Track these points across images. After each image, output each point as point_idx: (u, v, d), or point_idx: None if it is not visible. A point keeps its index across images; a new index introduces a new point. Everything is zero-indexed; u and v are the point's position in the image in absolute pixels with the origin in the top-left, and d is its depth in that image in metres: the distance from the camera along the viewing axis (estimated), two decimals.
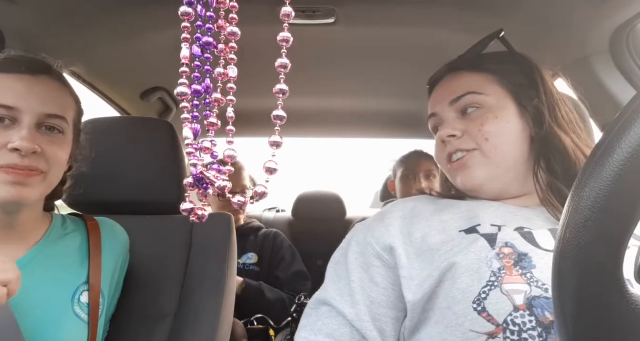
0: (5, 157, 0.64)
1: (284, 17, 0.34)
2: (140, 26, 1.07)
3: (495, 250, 0.58)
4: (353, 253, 0.68)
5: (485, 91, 0.69)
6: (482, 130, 0.67)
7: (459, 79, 0.72)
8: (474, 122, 0.68)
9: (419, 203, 0.73)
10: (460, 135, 0.69)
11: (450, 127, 0.70)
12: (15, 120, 0.66)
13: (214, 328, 0.90)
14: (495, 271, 0.55)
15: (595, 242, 0.29)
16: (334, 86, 1.51)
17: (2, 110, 0.64)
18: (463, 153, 0.69)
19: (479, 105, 0.69)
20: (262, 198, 0.36)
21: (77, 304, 0.73)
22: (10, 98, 0.65)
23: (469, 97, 0.69)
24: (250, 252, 1.63)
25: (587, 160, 0.31)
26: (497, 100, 0.68)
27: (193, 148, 0.38)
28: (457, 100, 0.70)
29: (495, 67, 0.71)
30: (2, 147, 0.64)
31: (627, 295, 0.29)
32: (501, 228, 0.61)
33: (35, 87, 0.68)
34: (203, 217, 0.39)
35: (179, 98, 0.36)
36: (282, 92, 0.35)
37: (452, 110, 0.71)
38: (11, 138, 0.64)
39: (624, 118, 0.30)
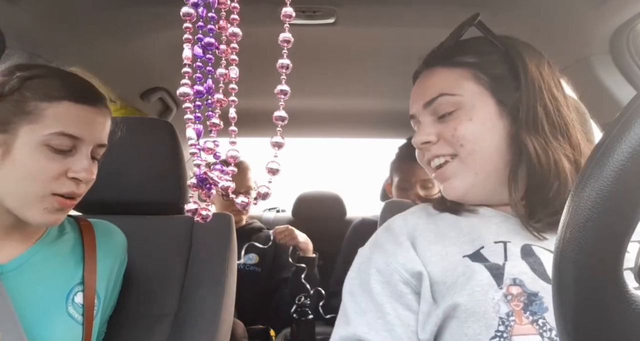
0: (65, 185, 0.67)
1: (284, 18, 0.35)
2: (140, 26, 1.07)
3: (502, 289, 0.53)
4: (377, 283, 0.61)
5: (459, 90, 0.62)
6: (455, 134, 0.62)
7: (432, 76, 0.66)
8: (447, 126, 0.63)
9: (420, 223, 0.67)
10: (435, 141, 0.64)
11: (423, 132, 0.66)
12: (74, 149, 0.68)
13: (214, 328, 0.90)
14: (504, 317, 0.51)
15: (595, 242, 0.29)
16: (334, 86, 1.51)
17: (67, 140, 0.66)
18: (440, 159, 0.65)
19: (454, 107, 0.62)
20: (265, 199, 0.36)
21: (70, 304, 0.73)
22: (77, 129, 0.67)
23: (442, 99, 0.63)
24: (251, 253, 1.62)
25: (587, 160, 0.31)
26: (472, 99, 0.62)
27: (196, 148, 0.38)
28: (430, 103, 0.65)
29: (471, 60, 0.64)
30: (62, 174, 0.66)
31: (627, 295, 0.29)
32: (507, 245, 0.57)
33: (97, 119, 0.71)
34: (207, 216, 0.39)
35: (181, 98, 0.36)
36: (283, 92, 0.35)
37: (427, 113, 0.66)
38: (71, 167, 0.67)
39: (624, 118, 0.30)
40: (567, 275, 0.30)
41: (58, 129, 0.65)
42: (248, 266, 1.60)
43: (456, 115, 0.62)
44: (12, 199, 0.66)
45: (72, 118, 0.67)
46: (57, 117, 0.66)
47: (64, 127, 0.66)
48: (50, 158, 0.65)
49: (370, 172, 2.71)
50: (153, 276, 0.93)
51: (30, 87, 0.66)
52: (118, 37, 1.09)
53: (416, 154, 0.72)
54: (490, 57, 0.64)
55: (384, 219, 0.93)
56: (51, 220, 0.68)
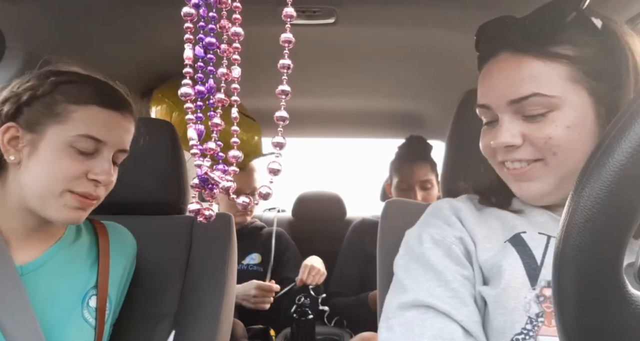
0: (83, 185, 0.68)
1: (286, 18, 0.35)
2: (141, 26, 1.07)
3: (535, 290, 0.52)
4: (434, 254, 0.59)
5: (556, 91, 0.53)
6: (549, 142, 0.54)
7: (521, 66, 0.56)
8: (539, 130, 0.55)
9: (465, 208, 0.65)
10: (521, 144, 0.57)
11: (508, 133, 0.57)
12: (97, 152, 0.69)
13: (213, 328, 0.90)
14: (533, 317, 0.51)
15: (595, 242, 0.29)
16: (334, 86, 1.51)
17: (92, 143, 0.68)
18: (522, 163, 0.58)
19: (547, 109, 0.54)
20: (266, 199, 0.36)
21: (85, 308, 0.73)
22: (102, 133, 0.69)
23: (535, 99, 0.54)
24: (253, 253, 1.62)
25: (587, 160, 0.31)
26: (572, 104, 0.54)
27: (197, 149, 0.38)
28: (518, 101, 0.55)
29: (569, 52, 0.54)
30: (82, 174, 0.68)
31: (627, 295, 0.29)
32: (550, 239, 0.55)
33: (121, 124, 0.73)
34: (210, 216, 0.39)
35: (183, 99, 0.36)
36: (284, 92, 0.35)
37: (510, 110, 0.57)
38: (92, 168, 0.68)
39: (624, 118, 0.30)
40: (567, 275, 0.30)
41: (84, 131, 0.67)
42: (251, 266, 1.60)
43: (550, 118, 0.54)
44: (34, 197, 0.67)
45: (98, 121, 0.69)
46: (84, 120, 0.68)
47: (90, 129, 0.68)
48: (74, 158, 0.67)
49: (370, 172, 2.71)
50: (153, 276, 0.93)
51: (61, 91, 0.69)
52: (118, 37, 1.09)
53: (481, 146, 0.64)
54: (589, 50, 0.54)
55: (384, 219, 0.92)
56: (72, 217, 0.68)
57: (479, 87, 0.63)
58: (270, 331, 1.43)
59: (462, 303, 0.55)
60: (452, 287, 0.56)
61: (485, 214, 0.64)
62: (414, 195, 1.57)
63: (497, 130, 0.58)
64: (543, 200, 0.59)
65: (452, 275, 0.57)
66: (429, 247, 0.61)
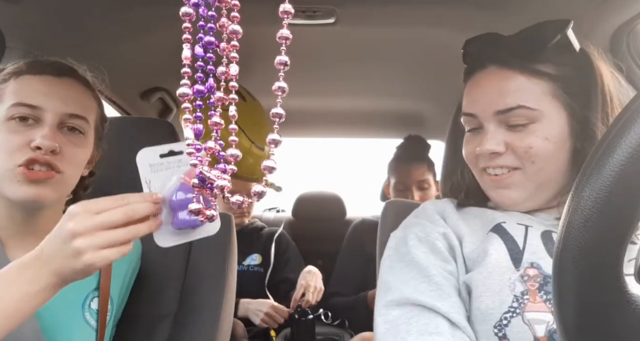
0: (27, 153, 0.65)
1: (283, 14, 0.34)
2: (140, 26, 1.07)
3: (519, 271, 0.55)
4: (419, 251, 0.62)
5: (539, 106, 0.59)
6: (529, 151, 0.59)
7: (508, 80, 0.61)
8: (520, 141, 0.60)
9: (448, 208, 0.70)
10: (504, 151, 0.61)
11: (493, 141, 0.61)
12: (38, 120, 0.67)
13: (214, 328, 0.90)
14: (518, 295, 0.53)
15: (595, 242, 0.29)
16: (334, 86, 1.51)
17: (26, 109, 0.66)
18: (503, 169, 0.62)
19: (529, 120, 0.59)
20: (260, 198, 0.36)
21: (87, 310, 0.73)
22: (34, 98, 0.67)
23: (519, 111, 0.59)
24: (254, 253, 1.62)
25: (587, 160, 0.31)
26: (550, 118, 0.59)
27: (194, 148, 0.38)
28: (504, 112, 0.60)
29: (550, 71, 0.60)
30: (24, 145, 0.65)
31: (627, 295, 0.29)
32: (528, 229, 0.59)
33: (59, 88, 0.69)
34: (212, 216, 0.39)
35: (181, 99, 0.36)
36: (281, 89, 0.35)
37: (496, 120, 0.62)
38: (33, 137, 0.65)
39: (624, 118, 0.30)
40: (567, 275, 0.30)
41: (15, 101, 0.66)
42: (251, 267, 1.60)
43: (531, 129, 0.59)
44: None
45: (29, 89, 0.67)
46: (15, 91, 0.67)
47: (21, 98, 0.66)
48: (13, 131, 0.65)
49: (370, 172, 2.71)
50: (153, 276, 0.92)
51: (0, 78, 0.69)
52: (118, 37, 1.09)
53: (464, 152, 0.68)
54: (567, 69, 0.61)
55: (384, 219, 0.92)
56: (27, 193, 0.65)
57: (465, 97, 0.67)
58: (270, 332, 1.43)
59: (446, 295, 0.57)
60: (435, 281, 0.58)
61: (465, 213, 0.68)
62: (411, 195, 1.57)
63: (483, 138, 0.63)
64: (518, 206, 0.64)
65: (435, 270, 0.60)
66: (413, 245, 0.63)
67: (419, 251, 0.62)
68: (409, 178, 1.58)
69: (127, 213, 0.52)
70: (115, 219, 0.52)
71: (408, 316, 0.55)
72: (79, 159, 0.72)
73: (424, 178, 1.58)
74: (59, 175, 0.68)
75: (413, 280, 0.59)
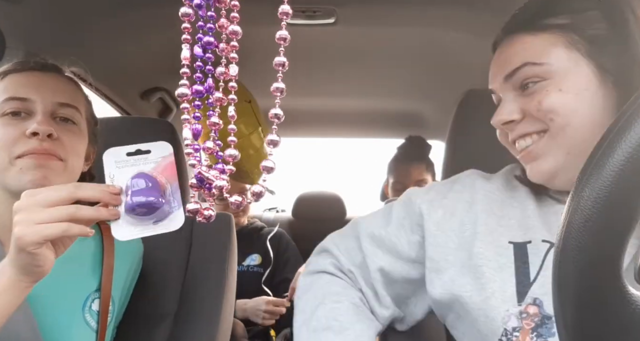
0: (25, 144, 0.66)
1: (282, 15, 0.34)
2: (140, 26, 1.07)
3: (521, 306, 0.53)
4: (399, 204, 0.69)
5: (546, 58, 0.54)
6: (540, 108, 0.54)
7: (513, 45, 0.58)
8: (532, 100, 0.55)
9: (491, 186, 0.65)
10: (520, 118, 0.57)
11: (505, 110, 0.58)
12: (30, 112, 0.69)
13: (213, 328, 0.90)
14: (509, 330, 0.52)
15: (595, 241, 0.29)
16: (334, 86, 1.51)
17: (16, 103, 0.68)
18: (527, 140, 0.57)
19: (540, 78, 0.54)
20: (259, 198, 0.36)
21: (87, 311, 0.73)
22: (23, 92, 0.69)
23: (526, 69, 0.55)
24: (254, 253, 1.62)
25: (587, 160, 0.31)
26: (563, 67, 0.54)
27: (192, 148, 0.38)
28: (511, 75, 0.57)
29: (563, 21, 0.55)
30: (20, 136, 0.66)
31: (627, 295, 0.29)
32: (551, 249, 0.55)
33: (46, 80, 0.72)
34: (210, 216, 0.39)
35: (180, 99, 0.36)
36: (280, 90, 0.35)
37: (508, 87, 0.58)
38: (28, 127, 0.66)
39: (624, 118, 0.30)
40: (567, 275, 0.30)
41: (4, 97, 0.68)
42: (251, 267, 1.60)
43: (542, 85, 0.54)
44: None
45: (17, 84, 0.70)
46: (3, 89, 0.69)
47: (10, 93, 0.68)
48: (7, 124, 0.67)
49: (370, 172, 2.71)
50: (153, 276, 0.92)
51: None
52: (118, 37, 1.09)
53: (498, 135, 0.64)
54: (587, 15, 0.54)
55: None
56: (34, 177, 0.65)
57: None
58: (270, 331, 1.43)
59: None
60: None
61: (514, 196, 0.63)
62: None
63: (497, 112, 0.59)
64: (556, 180, 0.57)
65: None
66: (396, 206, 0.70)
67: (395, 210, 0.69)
68: (407, 178, 1.59)
69: (69, 191, 0.51)
70: (56, 196, 0.51)
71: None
72: (77, 148, 0.73)
73: (421, 178, 1.58)
74: (62, 163, 0.69)
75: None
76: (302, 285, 0.71)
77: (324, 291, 0.67)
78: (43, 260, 0.51)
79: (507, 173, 0.68)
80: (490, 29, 0.75)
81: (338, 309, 0.62)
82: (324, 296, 0.65)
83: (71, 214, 0.50)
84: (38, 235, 0.49)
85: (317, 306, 0.64)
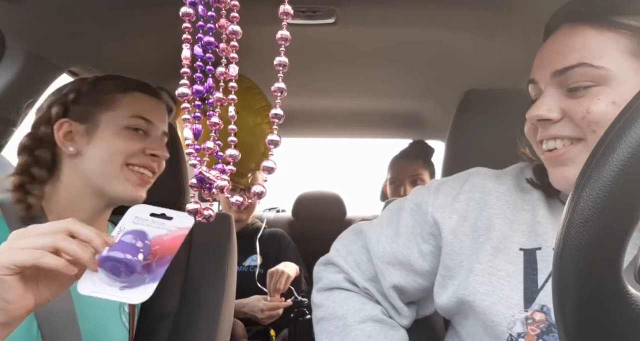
0: (139, 158, 0.76)
1: (282, 15, 0.34)
2: (140, 26, 1.07)
3: (527, 312, 0.52)
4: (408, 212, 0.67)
5: (605, 62, 0.48)
6: (587, 117, 0.48)
7: (573, 37, 0.51)
8: (579, 104, 0.49)
9: (509, 189, 0.61)
10: (558, 118, 0.51)
11: (545, 106, 0.52)
12: (148, 133, 0.78)
13: (213, 328, 0.90)
14: (514, 335, 0.51)
15: (595, 241, 0.29)
16: (333, 86, 1.51)
17: (142, 122, 0.77)
18: (557, 142, 0.52)
19: (592, 82, 0.49)
20: (260, 198, 0.36)
21: (122, 312, 0.76)
22: (149, 114, 0.78)
23: (580, 70, 0.49)
24: (254, 254, 1.62)
25: (587, 160, 0.31)
26: (624, 80, 0.48)
27: (193, 148, 0.38)
28: (562, 72, 0.51)
29: (634, 23, 0.48)
30: (140, 151, 0.76)
31: (627, 295, 0.29)
32: None
33: (160, 108, 0.83)
34: (209, 216, 0.39)
35: (180, 99, 0.36)
36: (280, 90, 0.35)
37: (554, 83, 0.52)
38: (147, 145, 0.76)
39: (624, 118, 0.30)
40: (567, 275, 0.30)
41: (135, 113, 0.76)
42: (252, 268, 1.60)
43: (594, 92, 0.49)
44: (99, 176, 0.73)
45: (144, 105, 0.79)
46: (132, 104, 0.77)
47: (139, 111, 0.77)
48: (131, 138, 0.75)
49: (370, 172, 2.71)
50: None
51: (104, 85, 0.79)
52: (118, 37, 1.09)
53: (525, 128, 0.59)
54: None
55: None
56: (134, 193, 0.75)
57: None
58: (270, 331, 1.43)
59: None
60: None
61: (525, 199, 0.59)
62: (404, 190, 1.58)
63: (535, 105, 0.54)
64: None
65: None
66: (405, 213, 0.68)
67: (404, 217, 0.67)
68: (402, 173, 1.60)
69: (63, 223, 0.48)
70: (49, 226, 0.48)
71: None
72: (163, 168, 0.82)
73: (417, 173, 1.58)
74: (152, 179, 0.79)
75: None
76: (319, 303, 0.69)
77: (344, 309, 0.65)
78: (8, 290, 0.45)
79: (517, 173, 0.64)
80: (490, 29, 0.75)
81: (363, 329, 0.62)
82: (346, 316, 0.64)
83: (53, 243, 0.46)
84: (8, 258, 0.44)
85: (344, 329, 0.63)
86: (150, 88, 0.83)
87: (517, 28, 0.80)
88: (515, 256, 0.56)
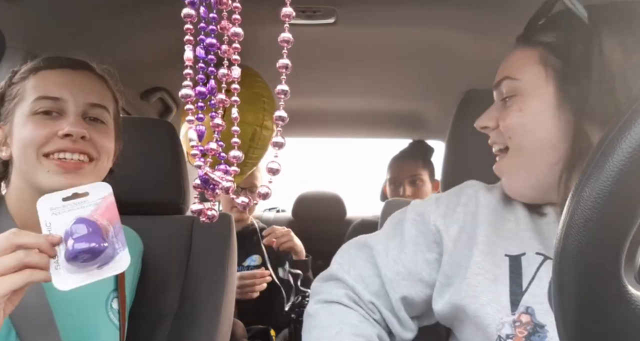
0: (56, 143, 0.66)
1: (284, 18, 0.34)
2: (141, 26, 1.07)
3: (514, 315, 0.53)
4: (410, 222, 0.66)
5: (521, 74, 0.55)
6: (503, 125, 0.56)
7: (510, 56, 0.60)
8: (502, 114, 0.58)
9: (489, 198, 0.64)
10: (494, 127, 0.59)
11: (486, 115, 0.61)
12: (62, 111, 0.69)
13: (213, 328, 0.90)
14: (503, 337, 0.53)
15: (595, 242, 0.29)
16: (333, 86, 1.51)
17: (49, 102, 0.68)
18: (495, 147, 0.61)
19: (513, 92, 0.56)
20: (265, 199, 0.36)
21: (110, 310, 0.74)
22: (56, 91, 0.68)
23: (504, 83, 0.57)
24: (254, 254, 1.62)
25: (587, 160, 0.31)
26: (531, 86, 0.55)
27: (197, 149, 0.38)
28: (496, 86, 0.60)
29: (549, 39, 0.55)
30: (52, 135, 0.66)
31: (627, 295, 0.29)
32: (545, 261, 0.56)
33: (77, 79, 0.71)
34: (213, 216, 0.40)
35: (183, 100, 0.36)
36: (283, 92, 0.35)
37: (497, 97, 0.61)
38: (60, 127, 0.67)
39: (624, 118, 0.30)
40: (567, 275, 0.30)
41: (37, 95, 0.68)
42: (252, 268, 1.60)
43: (512, 102, 0.56)
44: (26, 174, 0.68)
45: (49, 82, 0.69)
46: (35, 86, 0.69)
47: (42, 91, 0.68)
48: (38, 123, 0.67)
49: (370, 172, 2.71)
50: (153, 277, 0.93)
51: (17, 77, 0.71)
52: (118, 37, 1.09)
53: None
54: (572, 35, 0.53)
55: (384, 219, 0.93)
56: (61, 182, 0.66)
57: None
58: (270, 331, 1.43)
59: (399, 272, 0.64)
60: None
61: (509, 209, 0.62)
62: (403, 190, 1.59)
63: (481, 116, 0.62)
64: (527, 198, 0.59)
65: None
66: (407, 225, 0.67)
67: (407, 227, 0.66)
68: (401, 173, 1.60)
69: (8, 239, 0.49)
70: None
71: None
72: (107, 146, 0.73)
73: (415, 173, 1.58)
74: (92, 163, 0.70)
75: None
76: (313, 313, 0.66)
77: (339, 318, 0.63)
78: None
79: (499, 188, 0.69)
80: (490, 29, 0.76)
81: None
82: (341, 326, 0.61)
83: (20, 262, 0.48)
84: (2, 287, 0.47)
85: (336, 335, 0.60)
86: (59, 60, 0.72)
87: (517, 28, 0.80)
88: (502, 262, 0.58)
